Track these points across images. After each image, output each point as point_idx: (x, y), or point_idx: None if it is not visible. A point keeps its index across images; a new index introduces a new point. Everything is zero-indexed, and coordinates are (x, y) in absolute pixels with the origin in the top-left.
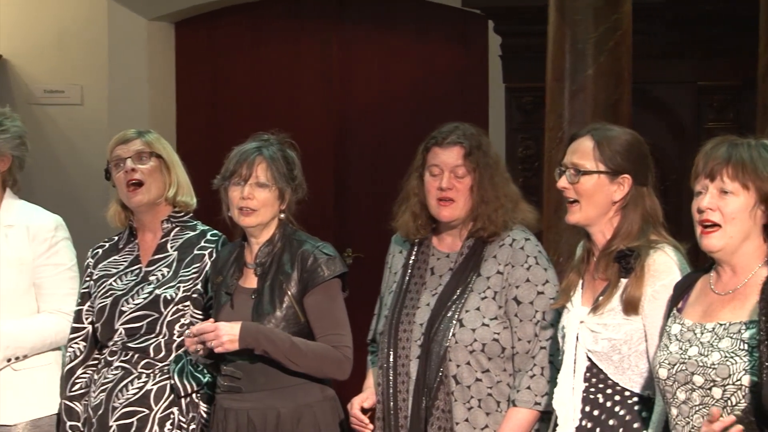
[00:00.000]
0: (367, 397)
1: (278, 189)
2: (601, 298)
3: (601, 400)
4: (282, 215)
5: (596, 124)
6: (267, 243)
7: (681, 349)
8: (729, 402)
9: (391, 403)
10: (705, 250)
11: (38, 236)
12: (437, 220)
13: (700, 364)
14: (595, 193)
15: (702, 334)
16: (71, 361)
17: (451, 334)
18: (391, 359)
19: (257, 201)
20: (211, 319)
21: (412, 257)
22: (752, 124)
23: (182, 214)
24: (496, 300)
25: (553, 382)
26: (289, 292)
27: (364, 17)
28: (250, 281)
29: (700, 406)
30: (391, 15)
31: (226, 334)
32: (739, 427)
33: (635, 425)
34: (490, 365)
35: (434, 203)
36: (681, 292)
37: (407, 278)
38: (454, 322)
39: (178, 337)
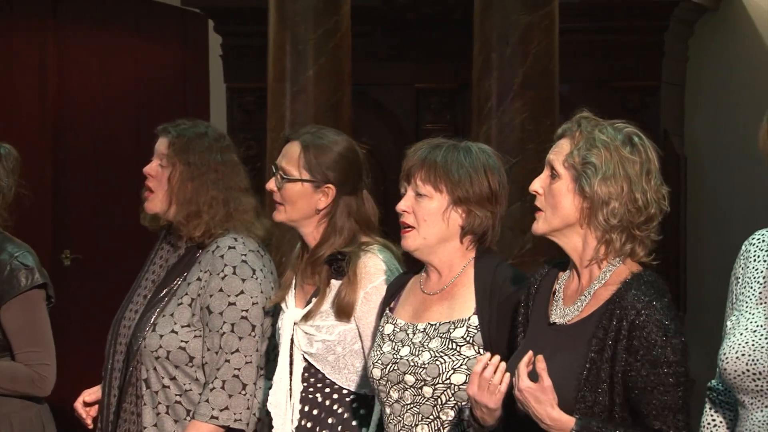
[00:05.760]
0: (96, 390)
1: None
2: (314, 299)
3: (320, 399)
4: None
5: (313, 127)
6: None
7: (394, 349)
8: (439, 400)
9: (104, 398)
10: (404, 250)
11: None
12: None
13: (412, 363)
14: (299, 200)
15: (414, 334)
16: None
17: (142, 338)
18: (109, 354)
19: None
20: None
21: (153, 253)
22: (468, 125)
23: None
24: (192, 307)
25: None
26: None
27: (80, 15)
28: None
29: (412, 405)
30: (109, 13)
31: None
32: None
33: (353, 423)
34: (177, 373)
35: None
36: (393, 293)
37: (142, 274)
38: (150, 325)
39: None
